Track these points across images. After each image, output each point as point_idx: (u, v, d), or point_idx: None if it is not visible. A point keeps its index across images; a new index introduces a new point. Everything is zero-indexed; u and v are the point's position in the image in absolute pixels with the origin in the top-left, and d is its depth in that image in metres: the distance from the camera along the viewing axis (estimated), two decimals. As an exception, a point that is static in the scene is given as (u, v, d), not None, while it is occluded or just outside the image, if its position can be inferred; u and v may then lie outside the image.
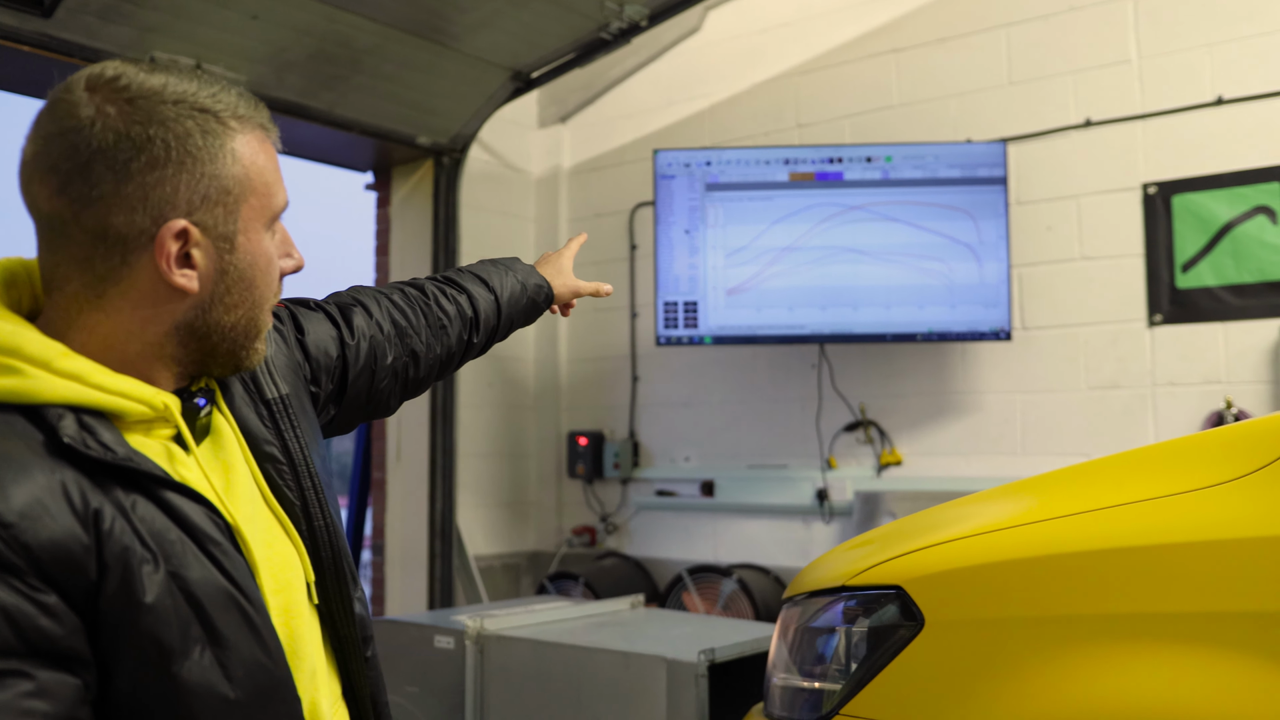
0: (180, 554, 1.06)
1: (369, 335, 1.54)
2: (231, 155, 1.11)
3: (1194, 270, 3.86)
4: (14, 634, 0.94)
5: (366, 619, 1.32)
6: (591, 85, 5.34)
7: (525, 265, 1.88)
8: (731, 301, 4.13)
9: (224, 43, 3.93)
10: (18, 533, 0.95)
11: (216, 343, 1.15)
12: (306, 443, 1.28)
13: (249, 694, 1.08)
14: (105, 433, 1.05)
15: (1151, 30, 3.97)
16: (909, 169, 4.08)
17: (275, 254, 1.19)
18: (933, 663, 1.44)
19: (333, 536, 1.27)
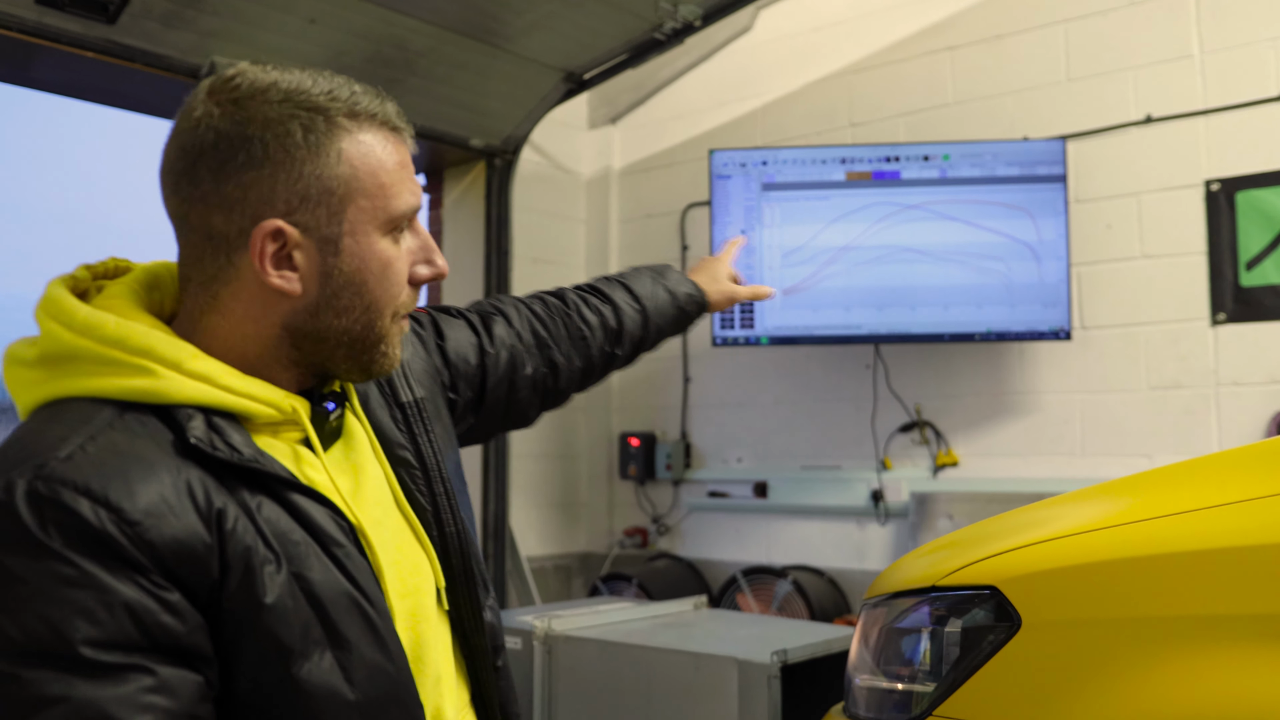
0: (303, 555, 1.06)
1: (509, 344, 1.55)
2: (338, 155, 1.09)
3: (1259, 268, 3.80)
4: (137, 630, 0.94)
5: (497, 628, 1.32)
6: (642, 86, 5.34)
7: (677, 274, 1.85)
8: (788, 302, 4.11)
9: (283, 47, 3.97)
10: (142, 531, 0.95)
11: (333, 347, 1.14)
12: (440, 448, 1.29)
13: (369, 696, 1.07)
14: (233, 434, 1.06)
15: (1214, 24, 3.92)
16: (967, 167, 4.05)
17: (398, 258, 1.15)
18: (1030, 663, 1.43)
19: (464, 543, 1.27)
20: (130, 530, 0.95)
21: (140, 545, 0.95)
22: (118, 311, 1.08)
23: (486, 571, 1.32)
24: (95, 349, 1.04)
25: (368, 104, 1.14)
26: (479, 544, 1.38)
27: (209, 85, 1.12)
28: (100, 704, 0.91)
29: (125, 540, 0.94)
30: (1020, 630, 1.44)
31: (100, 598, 0.92)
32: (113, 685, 0.92)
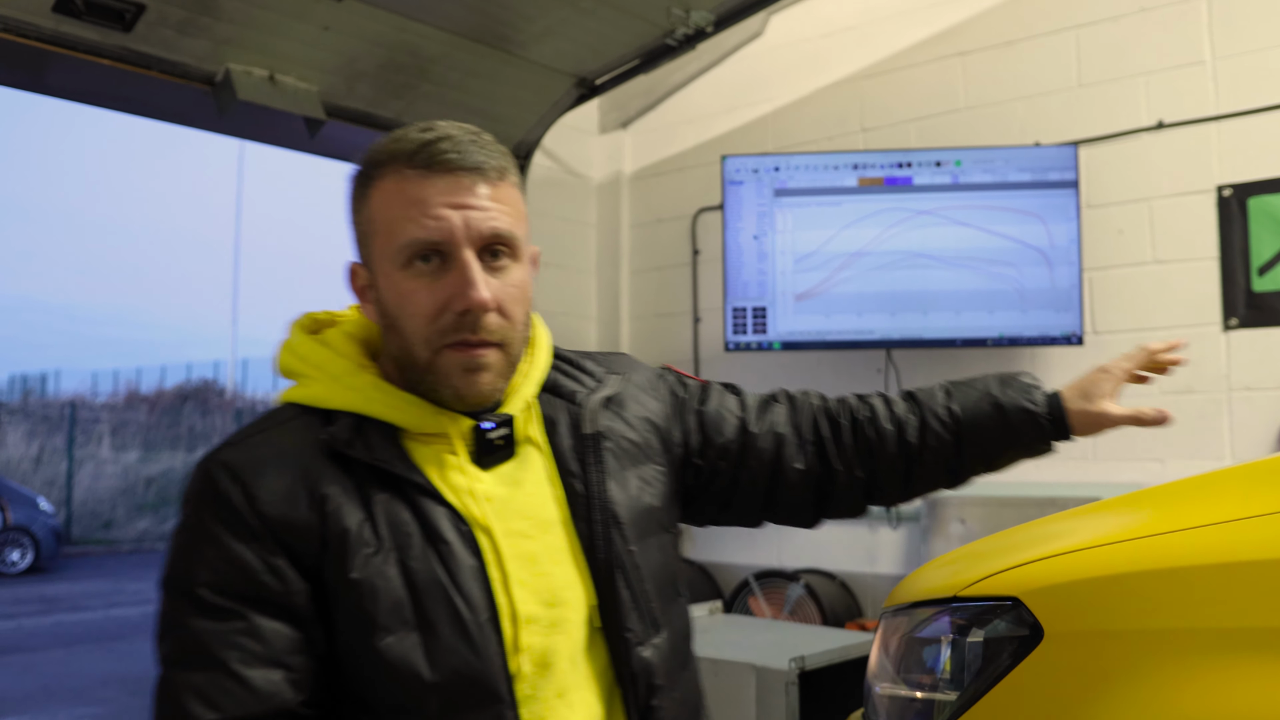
0: (410, 545, 1.19)
1: (779, 433, 1.49)
2: (367, 200, 1.25)
3: (1271, 273, 3.81)
4: (244, 581, 1.15)
5: (654, 667, 1.30)
6: (653, 91, 5.36)
7: (1028, 381, 1.53)
8: (800, 307, 4.13)
9: (297, 54, 3.99)
10: (261, 506, 1.17)
11: (403, 371, 1.27)
12: (609, 483, 1.33)
13: (448, 681, 1.17)
14: (376, 437, 1.23)
15: (1226, 30, 3.92)
16: (979, 173, 4.06)
17: (417, 290, 1.22)
18: (1052, 674, 1.44)
19: (623, 574, 1.30)
20: (252, 506, 1.16)
21: (258, 518, 1.16)
22: (330, 343, 1.30)
23: (659, 612, 1.33)
24: (301, 368, 1.29)
25: (398, 149, 1.23)
26: (662, 586, 1.35)
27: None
28: (202, 635, 1.14)
29: (247, 512, 1.16)
30: (1042, 641, 1.45)
31: (220, 553, 1.16)
32: (214, 622, 1.14)
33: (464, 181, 1.22)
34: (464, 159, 1.22)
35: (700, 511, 1.53)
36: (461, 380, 1.24)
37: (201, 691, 1.12)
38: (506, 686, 1.20)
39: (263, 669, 1.14)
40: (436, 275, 1.22)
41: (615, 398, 1.40)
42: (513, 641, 1.22)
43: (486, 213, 1.22)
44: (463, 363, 1.23)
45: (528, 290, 1.29)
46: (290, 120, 4.15)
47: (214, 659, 1.13)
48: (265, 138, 4.52)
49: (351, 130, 4.47)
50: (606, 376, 1.42)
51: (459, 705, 1.18)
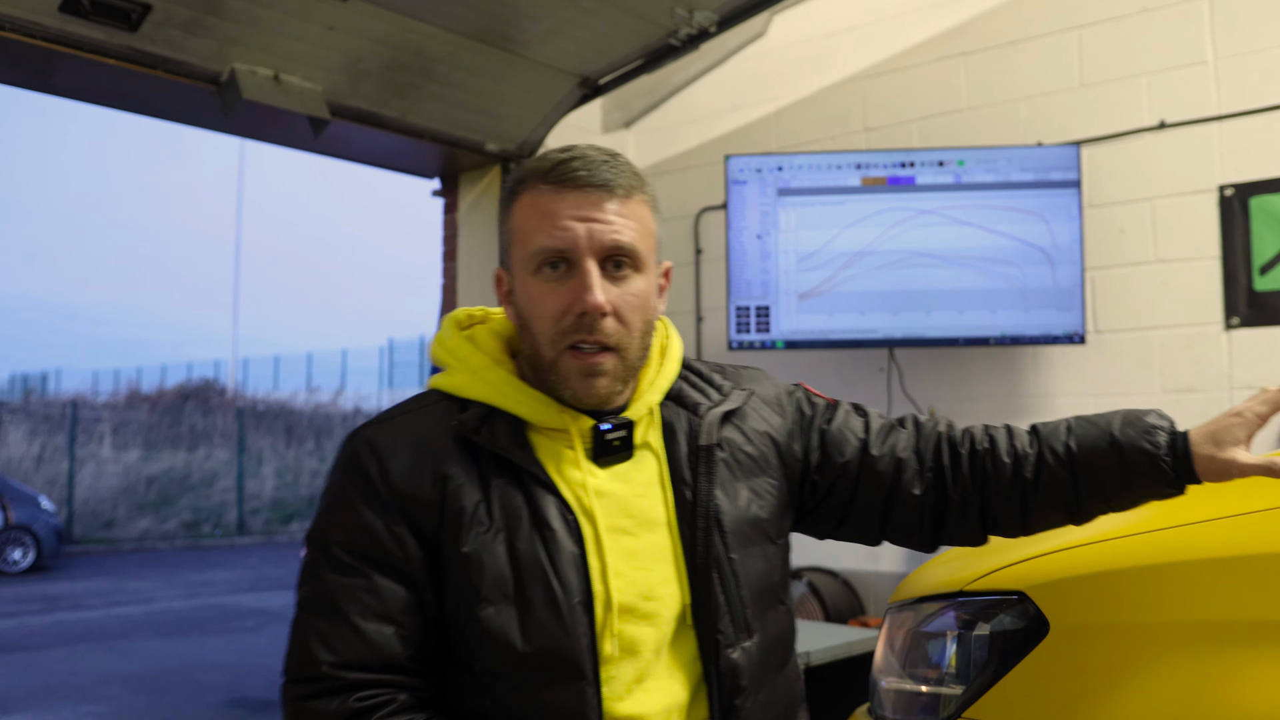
0: (518, 528, 1.32)
1: (899, 456, 1.52)
2: (510, 214, 1.40)
3: (1272, 273, 3.83)
4: (370, 544, 1.31)
5: (741, 668, 1.37)
6: (656, 90, 5.38)
7: (1153, 421, 1.47)
8: (804, 306, 4.14)
9: (302, 53, 4.01)
10: (391, 480, 1.33)
11: (533, 369, 1.39)
12: (719, 492, 1.41)
13: (537, 653, 1.29)
14: (502, 428, 1.36)
15: (1228, 30, 3.94)
16: (981, 173, 4.07)
17: (544, 293, 1.35)
18: (1058, 667, 1.45)
19: (719, 578, 1.38)
20: (384, 479, 1.32)
21: (388, 490, 1.32)
22: (475, 339, 1.44)
23: (753, 617, 1.40)
24: (446, 359, 1.43)
25: (537, 167, 1.37)
26: (760, 593, 1.42)
27: None
28: (331, 587, 1.31)
29: (380, 484, 1.32)
30: (1048, 635, 1.47)
31: (353, 518, 1.32)
32: (342, 577, 1.31)
33: (591, 197, 1.34)
34: (593, 176, 1.34)
35: (817, 526, 1.59)
36: (580, 384, 1.35)
37: (324, 636, 1.30)
38: (591, 665, 1.31)
39: (377, 623, 1.30)
40: (562, 281, 1.34)
41: (736, 411, 1.48)
42: (604, 626, 1.32)
43: (610, 226, 1.33)
44: (581, 368, 1.35)
45: (648, 300, 1.39)
46: (294, 120, 4.16)
47: (338, 609, 1.30)
48: (270, 137, 4.53)
49: (355, 130, 4.49)
50: (731, 391, 1.51)
51: (545, 677, 1.29)
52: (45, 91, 3.97)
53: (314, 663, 1.29)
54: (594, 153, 1.37)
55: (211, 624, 10.48)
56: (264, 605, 11.76)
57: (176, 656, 8.81)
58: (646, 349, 1.42)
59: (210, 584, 13.84)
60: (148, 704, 7.19)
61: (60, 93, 3.98)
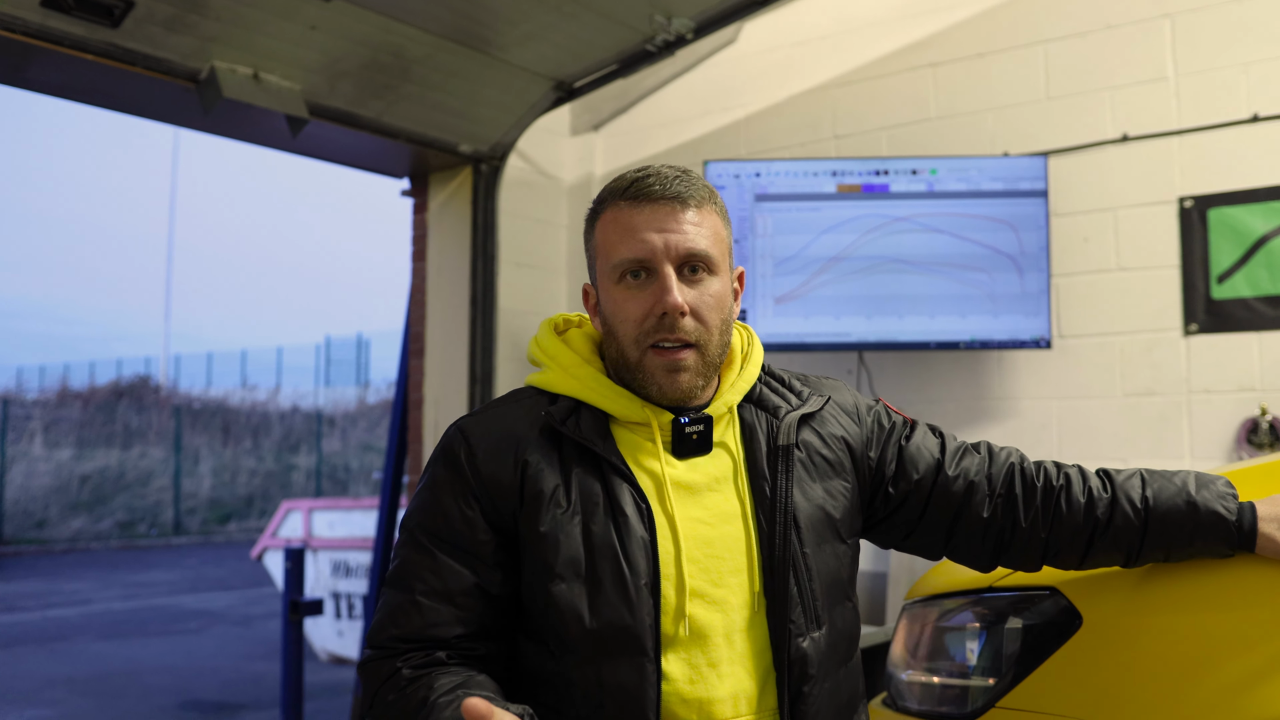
0: (594, 511, 1.43)
1: (971, 479, 1.60)
2: (594, 232, 1.54)
3: (1229, 281, 3.98)
4: (443, 525, 1.45)
5: (810, 657, 1.45)
6: (626, 94, 5.42)
7: (1223, 488, 1.55)
8: (780, 309, 4.22)
9: (282, 52, 4.00)
10: (478, 463, 1.46)
11: (621, 370, 1.51)
12: (796, 490, 1.50)
13: (604, 629, 1.39)
14: (587, 420, 1.48)
15: (1188, 48, 4.09)
16: (953, 181, 4.18)
17: (627, 299, 1.47)
18: (1092, 660, 1.53)
19: (788, 569, 1.46)
20: (471, 463, 1.46)
21: (474, 473, 1.46)
22: (569, 340, 1.57)
23: (823, 610, 1.48)
24: (540, 358, 1.56)
25: (617, 186, 1.50)
26: (830, 588, 1.51)
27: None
28: (408, 564, 1.45)
29: (467, 468, 1.46)
30: (1080, 628, 1.55)
31: (434, 502, 1.47)
32: (416, 555, 1.45)
33: (666, 209, 1.47)
34: (666, 190, 1.47)
35: (885, 535, 1.67)
36: (665, 379, 1.47)
37: (393, 609, 1.44)
38: (653, 643, 1.40)
39: (435, 601, 1.42)
40: (643, 287, 1.47)
41: (814, 416, 1.58)
42: (675, 608, 1.42)
43: (685, 235, 1.46)
44: (665, 364, 1.47)
45: (724, 301, 1.51)
46: (272, 119, 4.15)
47: (407, 585, 1.44)
48: (247, 136, 4.50)
49: (330, 129, 4.48)
50: (810, 396, 1.61)
51: (609, 650, 1.39)
52: (20, 87, 3.91)
53: (383, 633, 1.44)
54: (667, 170, 1.50)
55: (153, 625, 10.32)
56: (206, 606, 11.61)
57: (120, 659, 8.68)
58: (725, 346, 1.53)
59: (148, 585, 13.63)
60: (96, 707, 7.08)
61: (36, 88, 3.92)
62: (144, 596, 12.51)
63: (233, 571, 14.65)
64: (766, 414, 1.56)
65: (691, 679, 1.42)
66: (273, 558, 8.44)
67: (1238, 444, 3.91)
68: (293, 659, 5.06)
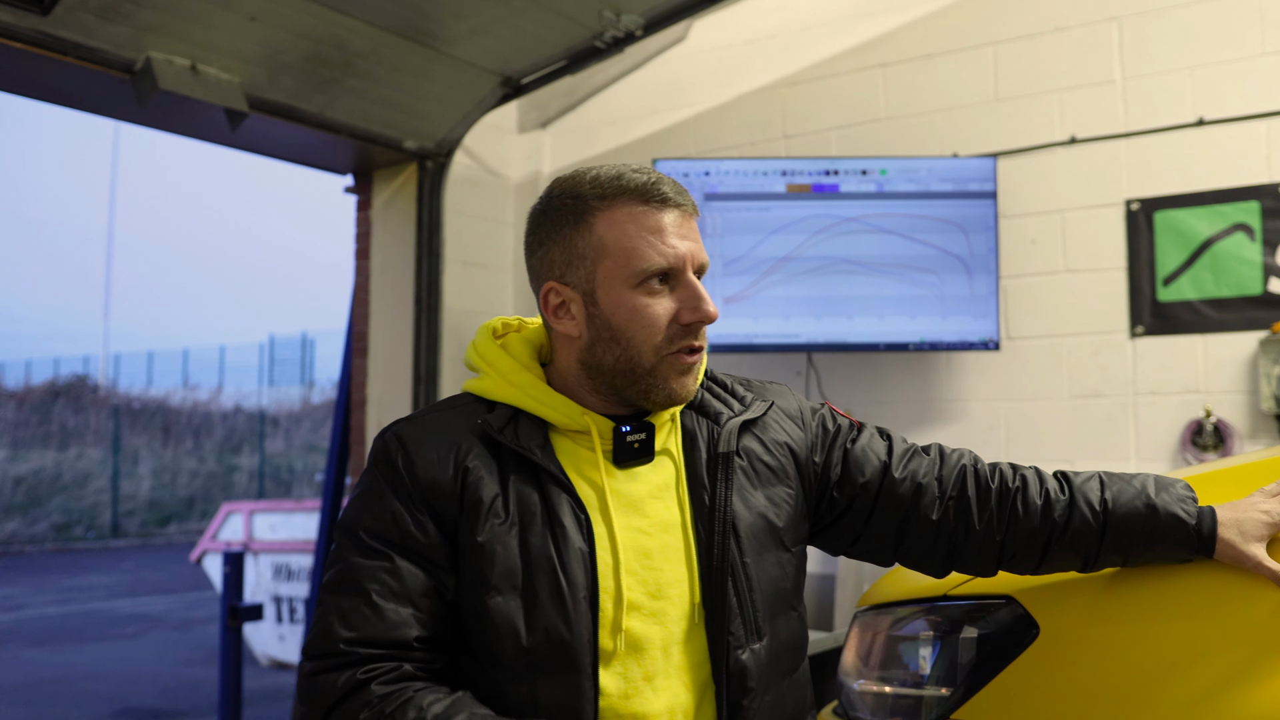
0: (532, 522, 1.39)
1: (920, 481, 1.56)
2: (589, 229, 1.44)
3: (1174, 284, 4.00)
4: (395, 531, 1.40)
5: (750, 670, 1.42)
6: (573, 92, 5.36)
7: (1183, 491, 1.51)
8: (729, 310, 4.18)
9: (221, 44, 3.89)
10: (415, 471, 1.41)
11: (610, 377, 1.46)
12: (736, 498, 1.47)
13: (540, 645, 1.36)
14: (526, 428, 1.44)
15: (1135, 52, 4.11)
16: (903, 182, 4.17)
17: (648, 305, 1.42)
18: (1049, 670, 1.50)
19: (728, 580, 1.43)
20: (409, 471, 1.41)
21: (412, 479, 1.41)
22: (508, 345, 1.52)
23: (764, 621, 1.45)
24: (478, 363, 1.52)
25: (625, 185, 1.44)
26: (772, 598, 1.47)
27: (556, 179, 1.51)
28: (355, 568, 1.38)
29: (406, 475, 1.41)
30: (1038, 638, 1.52)
31: (382, 506, 1.41)
32: (366, 559, 1.39)
33: (681, 216, 1.45)
34: (679, 198, 1.45)
35: (833, 542, 1.63)
36: (678, 383, 1.45)
37: (343, 613, 1.36)
38: (590, 659, 1.36)
39: (395, 603, 1.36)
40: (665, 294, 1.43)
41: (756, 422, 1.56)
42: (612, 622, 1.39)
43: (698, 245, 1.47)
44: (682, 369, 1.45)
45: None
46: (211, 112, 4.04)
47: (359, 588, 1.37)
48: (185, 130, 4.38)
49: (271, 124, 4.37)
50: (752, 402, 1.57)
51: (545, 666, 1.35)
52: (-56, 75, 3.78)
53: (331, 639, 1.36)
54: (659, 174, 1.47)
55: (89, 631, 10.10)
56: (143, 611, 11.39)
57: (54, 666, 8.47)
58: None
59: (85, 589, 13.34)
60: (28, 716, 6.89)
61: (-38, 77, 3.79)
62: (79, 601, 12.24)
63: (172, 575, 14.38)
64: (708, 420, 1.54)
65: (626, 693, 1.39)
66: (212, 561, 8.28)
67: (1182, 446, 3.94)
68: (231, 665, 4.94)
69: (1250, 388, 3.86)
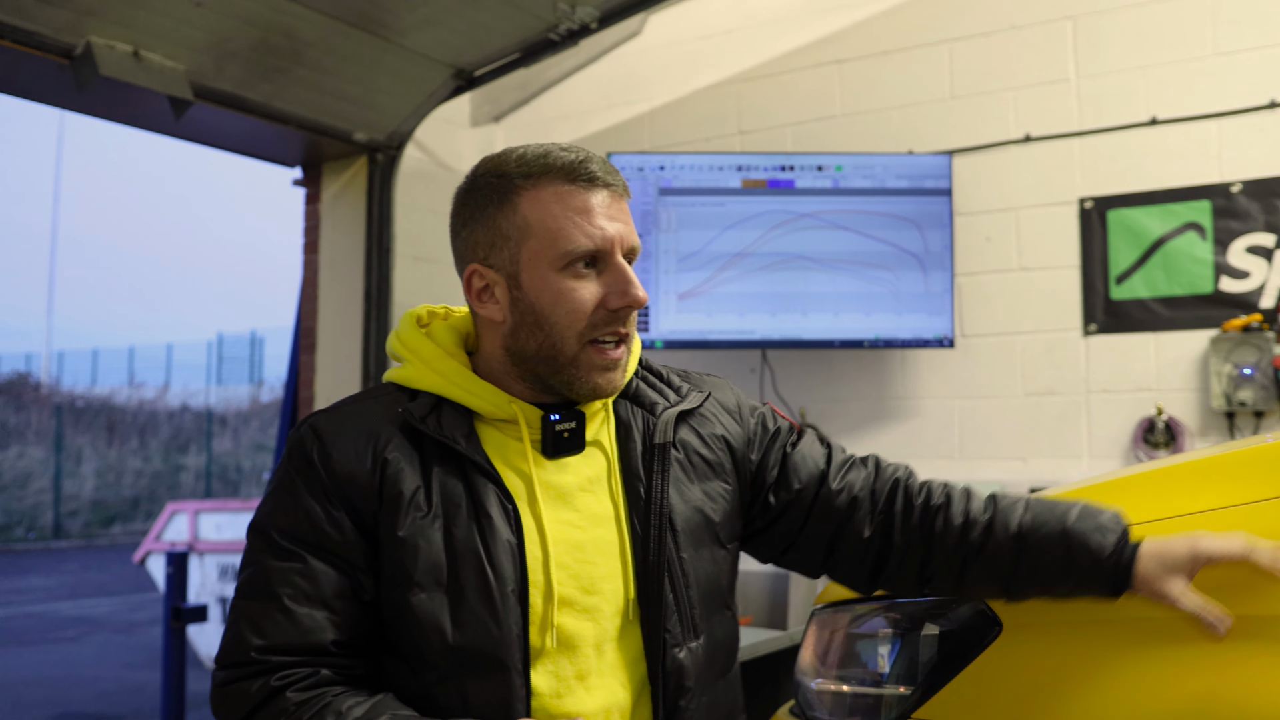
0: (456, 514, 1.33)
1: (854, 493, 1.52)
2: (513, 209, 1.38)
3: (1127, 282, 4.02)
4: (309, 528, 1.32)
5: (687, 669, 1.38)
6: (527, 85, 5.30)
7: (1107, 522, 1.41)
8: (683, 306, 4.14)
9: (165, 29, 3.79)
10: (332, 464, 1.33)
11: (534, 365, 1.39)
12: (673, 491, 1.42)
13: (467, 643, 1.30)
14: (449, 417, 1.37)
15: (1089, 51, 4.12)
16: (859, 178, 4.15)
17: (574, 289, 1.36)
18: (1012, 666, 1.47)
19: (664, 576, 1.39)
20: (325, 464, 1.33)
21: (328, 473, 1.33)
22: (432, 333, 1.45)
23: (700, 619, 1.41)
24: (400, 352, 1.45)
25: (551, 163, 1.38)
26: (708, 595, 1.44)
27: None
28: (268, 571, 1.31)
29: (320, 468, 1.33)
30: (1001, 633, 1.49)
31: (295, 503, 1.33)
32: (278, 561, 1.31)
33: (611, 196, 1.39)
34: (609, 177, 1.39)
35: (764, 548, 1.59)
36: (603, 377, 1.39)
37: (254, 619, 1.29)
38: (520, 656, 1.31)
39: (308, 607, 1.29)
40: (591, 278, 1.37)
41: (693, 414, 1.50)
42: (542, 618, 1.33)
43: (628, 227, 1.40)
44: (604, 362, 1.39)
45: None
46: (155, 100, 3.94)
47: (271, 593, 1.30)
48: (128, 119, 4.26)
49: (217, 113, 4.27)
50: (689, 393, 1.52)
51: (473, 666, 1.29)
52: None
53: (243, 647, 1.29)
54: (591, 153, 1.41)
55: (29, 634, 9.89)
56: (85, 613, 11.17)
57: (-8, 669, 8.28)
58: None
59: (25, 591, 13.07)
60: (-38, 721, 6.72)
61: (-110, 61, 3.66)
62: (19, 604, 11.99)
63: (115, 576, 14.12)
64: (643, 411, 1.48)
65: (558, 692, 1.34)
66: (156, 562, 8.11)
67: (1134, 443, 3.95)
68: (174, 668, 4.84)
69: (1201, 385, 3.88)
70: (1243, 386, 3.77)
